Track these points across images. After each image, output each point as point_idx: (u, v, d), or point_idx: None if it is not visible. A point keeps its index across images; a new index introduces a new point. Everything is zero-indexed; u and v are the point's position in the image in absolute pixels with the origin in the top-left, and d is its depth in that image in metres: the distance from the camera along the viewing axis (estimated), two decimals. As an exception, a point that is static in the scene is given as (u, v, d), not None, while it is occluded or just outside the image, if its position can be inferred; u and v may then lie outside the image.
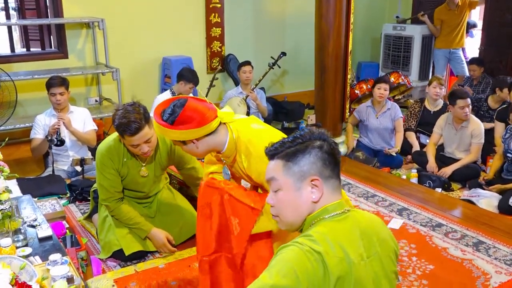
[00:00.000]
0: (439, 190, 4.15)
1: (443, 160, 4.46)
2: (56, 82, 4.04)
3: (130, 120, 2.62)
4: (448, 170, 4.29)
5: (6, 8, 5.36)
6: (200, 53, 6.02)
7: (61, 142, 4.03)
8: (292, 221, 1.44)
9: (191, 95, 4.95)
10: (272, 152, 1.45)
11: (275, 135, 2.06)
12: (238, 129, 2.10)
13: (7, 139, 2.74)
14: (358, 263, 1.33)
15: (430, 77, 6.64)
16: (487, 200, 3.82)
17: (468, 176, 4.28)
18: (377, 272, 1.38)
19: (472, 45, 7.50)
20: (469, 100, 4.28)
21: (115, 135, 2.87)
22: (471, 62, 6.03)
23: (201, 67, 5.95)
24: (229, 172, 2.24)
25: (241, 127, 2.12)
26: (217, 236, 2.22)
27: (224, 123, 2.11)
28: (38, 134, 4.10)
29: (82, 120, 4.21)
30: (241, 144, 2.08)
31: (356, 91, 5.71)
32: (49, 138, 3.98)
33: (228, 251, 2.22)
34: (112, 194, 2.91)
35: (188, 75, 4.72)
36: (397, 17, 7.20)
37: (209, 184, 2.22)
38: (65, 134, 4.11)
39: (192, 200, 3.15)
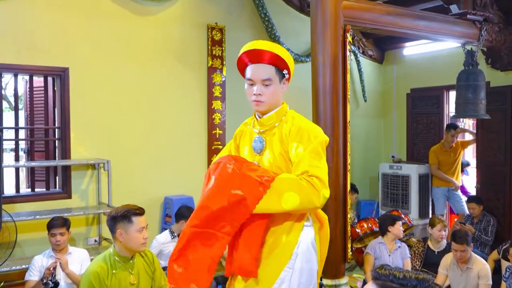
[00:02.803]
0: (451, 336, 3.94)
1: (451, 303, 4.30)
2: (58, 223, 4.04)
3: (132, 206, 3.04)
4: (458, 315, 4.11)
5: (16, 149, 5.56)
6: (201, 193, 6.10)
7: (55, 284, 3.91)
8: None
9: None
10: (377, 276, 1.41)
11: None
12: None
13: (2, 283, 2.67)
14: None
15: (430, 214, 6.65)
16: None
17: (480, 321, 4.09)
18: None
19: (468, 183, 7.64)
20: (465, 246, 4.23)
21: (102, 255, 3.03)
22: (470, 200, 6.08)
23: (202, 206, 5.98)
24: (263, 140, 2.30)
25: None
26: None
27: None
28: (34, 276, 3.99)
29: (79, 262, 4.13)
30: (289, 115, 2.28)
31: (357, 230, 5.68)
32: (44, 281, 3.87)
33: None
34: None
35: (187, 214, 4.73)
36: (392, 156, 7.44)
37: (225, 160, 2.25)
38: (60, 276, 4.01)
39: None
